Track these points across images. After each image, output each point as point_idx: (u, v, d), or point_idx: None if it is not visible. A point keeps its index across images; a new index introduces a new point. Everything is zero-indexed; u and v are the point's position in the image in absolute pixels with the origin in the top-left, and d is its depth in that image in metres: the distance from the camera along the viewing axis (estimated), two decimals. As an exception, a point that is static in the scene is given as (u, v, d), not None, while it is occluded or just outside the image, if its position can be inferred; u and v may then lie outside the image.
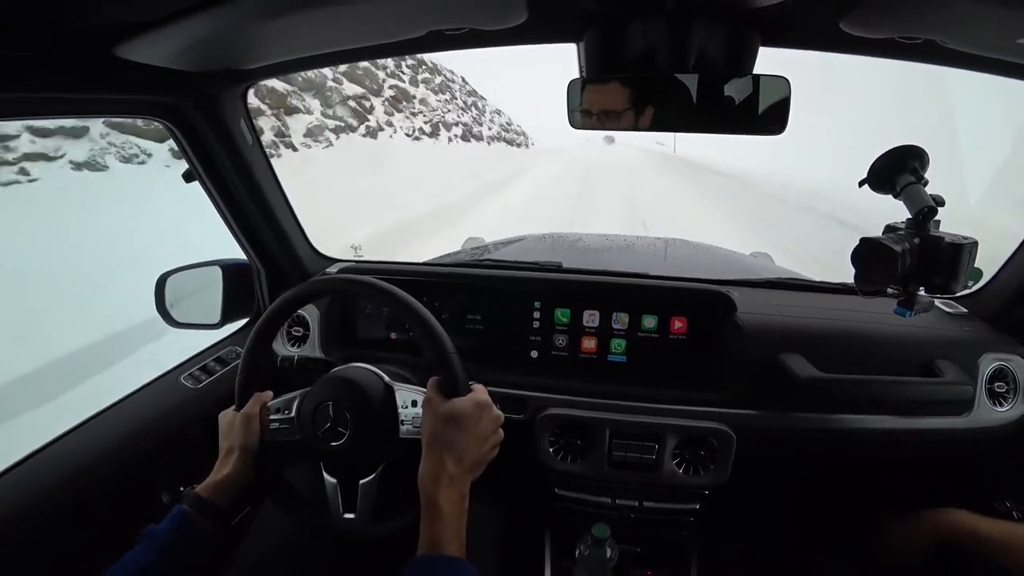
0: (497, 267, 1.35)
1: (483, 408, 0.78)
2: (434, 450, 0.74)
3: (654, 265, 1.60)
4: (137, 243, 5.87)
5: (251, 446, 0.86)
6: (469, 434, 0.76)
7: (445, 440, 0.74)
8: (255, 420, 0.88)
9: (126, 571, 0.70)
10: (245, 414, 0.88)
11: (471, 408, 0.77)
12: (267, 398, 0.92)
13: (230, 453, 0.86)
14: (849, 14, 0.77)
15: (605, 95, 0.92)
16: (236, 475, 0.84)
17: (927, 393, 1.05)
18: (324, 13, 0.75)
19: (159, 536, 0.74)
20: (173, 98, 1.01)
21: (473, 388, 0.81)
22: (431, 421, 0.77)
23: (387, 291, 0.85)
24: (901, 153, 0.91)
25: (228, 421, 0.90)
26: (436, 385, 0.80)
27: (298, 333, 1.31)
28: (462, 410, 0.76)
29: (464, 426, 0.76)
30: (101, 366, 3.79)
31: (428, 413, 0.78)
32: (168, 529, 0.75)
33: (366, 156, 13.13)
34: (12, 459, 0.91)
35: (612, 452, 1.10)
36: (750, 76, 0.87)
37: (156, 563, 0.72)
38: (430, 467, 0.73)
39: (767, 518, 1.33)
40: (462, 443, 0.75)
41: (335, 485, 0.89)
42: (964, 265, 0.85)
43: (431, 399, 0.79)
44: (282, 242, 1.33)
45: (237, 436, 0.86)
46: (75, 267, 5.32)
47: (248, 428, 0.87)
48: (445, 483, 0.71)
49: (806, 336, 1.13)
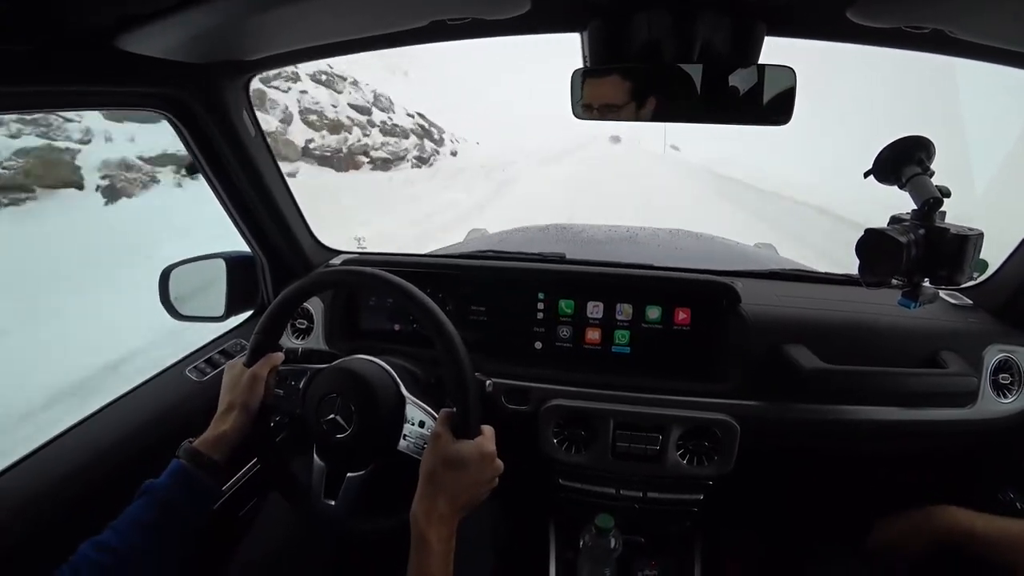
0: (501, 258, 1.34)
1: (486, 458, 0.78)
2: (431, 487, 0.74)
3: (658, 256, 1.60)
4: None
5: (252, 407, 0.87)
6: (468, 480, 0.76)
7: (444, 481, 0.74)
8: (261, 382, 0.88)
9: (129, 527, 0.72)
10: (253, 372, 0.88)
11: (476, 457, 0.76)
12: (278, 360, 0.92)
13: (230, 409, 0.86)
14: (856, 3, 0.76)
15: (609, 86, 0.92)
16: (234, 432, 0.84)
17: (931, 385, 1.05)
18: (325, 3, 0.75)
19: (159, 491, 0.76)
20: (175, 90, 1.00)
21: (482, 431, 0.80)
22: (434, 458, 0.76)
23: (424, 306, 0.83)
24: (907, 144, 0.91)
25: (235, 375, 0.89)
26: (447, 420, 0.79)
27: (302, 325, 1.31)
28: (467, 457, 0.76)
29: (465, 472, 0.75)
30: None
31: (433, 448, 0.77)
32: (168, 485, 0.77)
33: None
34: (20, 453, 0.92)
35: (616, 443, 1.10)
36: (755, 66, 0.86)
37: (157, 519, 0.74)
38: (424, 504, 0.73)
39: (771, 509, 1.34)
40: (459, 487, 0.75)
41: (323, 469, 0.89)
42: (969, 257, 0.85)
43: (440, 434, 0.78)
44: (285, 234, 1.33)
45: (240, 393, 0.86)
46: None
47: (253, 388, 0.87)
48: (435, 521, 0.72)
49: (810, 327, 1.13)
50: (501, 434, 0.83)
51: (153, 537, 0.73)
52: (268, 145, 1.22)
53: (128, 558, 0.70)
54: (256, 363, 0.89)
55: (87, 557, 0.69)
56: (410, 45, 1.02)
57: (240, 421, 0.85)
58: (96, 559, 0.69)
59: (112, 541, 0.71)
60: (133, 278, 4.63)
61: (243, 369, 0.89)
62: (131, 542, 0.71)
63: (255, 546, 1.16)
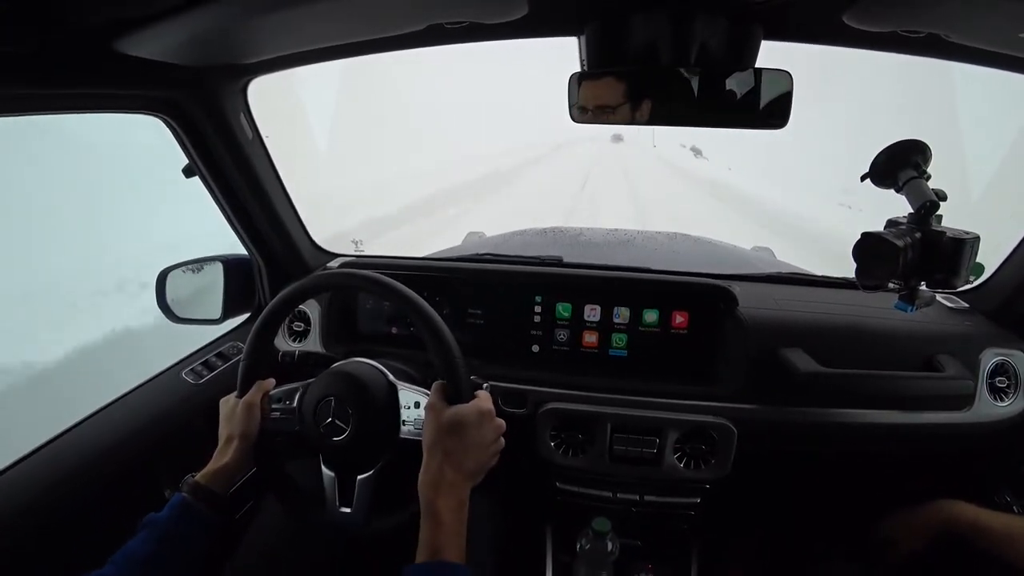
0: (498, 261, 1.34)
1: (485, 416, 0.78)
2: (434, 457, 0.74)
3: (655, 259, 1.60)
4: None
5: (251, 435, 0.86)
6: (470, 442, 0.75)
7: (446, 447, 0.74)
8: (256, 409, 0.88)
9: (129, 562, 0.71)
10: (247, 402, 0.88)
11: (474, 416, 0.76)
12: (269, 386, 0.92)
13: (230, 441, 0.86)
14: (852, 7, 0.76)
15: (606, 89, 0.92)
16: (235, 463, 0.84)
17: (928, 388, 1.05)
18: (323, 7, 0.75)
19: (160, 525, 0.75)
20: (172, 93, 1.00)
21: (477, 395, 0.80)
22: (433, 427, 0.77)
23: (399, 292, 0.84)
24: (903, 147, 0.91)
25: (230, 408, 0.90)
26: (440, 390, 0.80)
27: (299, 328, 1.31)
28: (464, 417, 0.76)
29: (465, 434, 0.75)
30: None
31: (430, 418, 0.78)
32: (169, 518, 0.76)
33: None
34: (16, 455, 0.92)
35: (613, 446, 1.10)
36: (752, 70, 0.86)
37: (158, 553, 0.73)
38: (430, 474, 0.73)
39: (768, 512, 1.33)
40: (462, 451, 0.74)
41: (333, 478, 0.89)
42: (966, 260, 0.85)
43: (434, 404, 0.78)
44: (283, 237, 1.33)
45: (238, 424, 0.86)
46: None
47: (249, 416, 0.87)
48: (445, 490, 0.71)
49: (807, 330, 1.13)
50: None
51: (152, 572, 0.72)
52: (266, 148, 1.22)
53: None
54: (248, 392, 0.90)
55: None
56: (408, 49, 1.02)
57: (241, 452, 0.85)
58: None
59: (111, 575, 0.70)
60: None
61: (236, 401, 0.89)
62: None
63: (252, 548, 1.15)
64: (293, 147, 11.30)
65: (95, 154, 6.09)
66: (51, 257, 4.84)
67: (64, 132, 5.82)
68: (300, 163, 10.68)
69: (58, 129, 5.79)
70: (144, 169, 5.28)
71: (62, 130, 5.82)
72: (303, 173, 11.28)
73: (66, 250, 4.97)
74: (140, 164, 5.35)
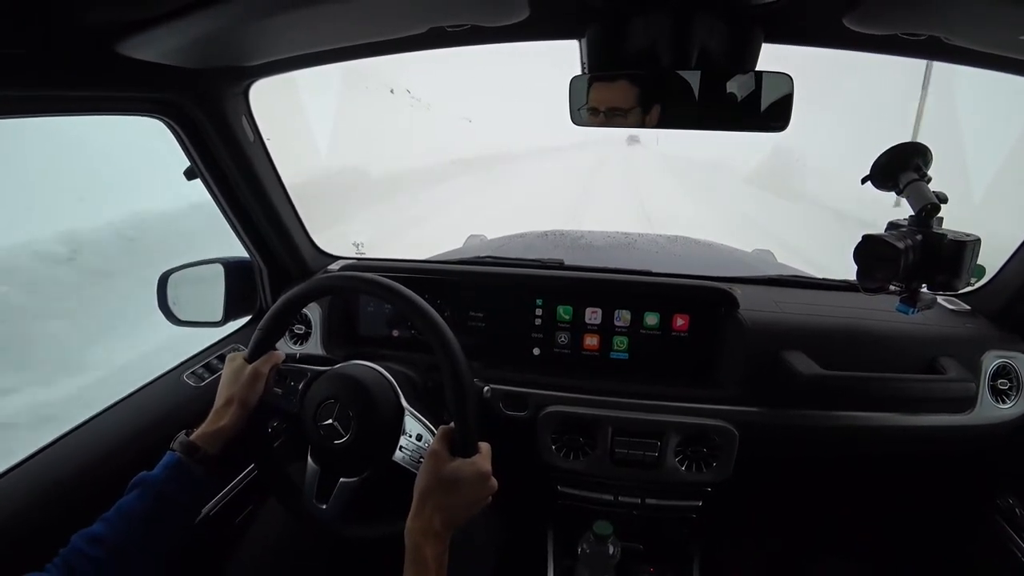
0: (499, 264, 1.34)
1: (483, 478, 0.77)
2: (426, 505, 0.74)
3: (656, 262, 1.60)
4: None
5: (250, 403, 0.86)
6: (463, 500, 0.75)
7: (439, 500, 0.74)
8: (262, 378, 0.88)
9: (124, 518, 0.71)
10: (255, 368, 0.87)
11: (472, 478, 0.76)
12: (279, 358, 0.91)
13: (229, 404, 0.85)
14: (852, 10, 0.76)
15: (607, 92, 0.92)
16: (231, 426, 0.84)
17: (930, 390, 1.05)
18: (325, 10, 0.75)
19: (152, 484, 0.75)
20: (174, 95, 1.00)
21: (480, 449, 0.80)
22: (431, 475, 0.76)
23: (427, 316, 0.83)
24: (904, 150, 0.91)
25: (236, 368, 0.89)
26: (446, 437, 0.79)
27: (300, 331, 1.31)
28: (464, 477, 0.76)
29: (460, 493, 0.75)
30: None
31: (430, 465, 0.77)
32: (162, 477, 0.76)
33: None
34: (17, 457, 0.91)
35: (614, 449, 1.10)
36: (753, 73, 0.87)
37: (150, 511, 0.73)
38: (421, 521, 0.73)
39: (769, 515, 1.33)
40: (454, 507, 0.75)
41: (316, 472, 0.90)
42: (967, 262, 0.85)
43: (437, 451, 0.77)
44: (284, 239, 1.33)
45: (241, 388, 0.86)
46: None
47: (253, 383, 0.87)
48: (432, 539, 0.72)
49: (808, 333, 1.13)
50: (499, 441, 0.83)
51: (145, 529, 0.72)
52: (267, 150, 1.22)
53: (120, 550, 0.69)
54: (258, 359, 0.89)
55: (78, 550, 0.68)
56: (409, 52, 1.02)
57: (238, 416, 0.85)
58: (88, 552, 0.68)
59: (103, 533, 0.70)
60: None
61: (244, 364, 0.89)
62: (123, 534, 0.70)
63: (251, 552, 1.15)
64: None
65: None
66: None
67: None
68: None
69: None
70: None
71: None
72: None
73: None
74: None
